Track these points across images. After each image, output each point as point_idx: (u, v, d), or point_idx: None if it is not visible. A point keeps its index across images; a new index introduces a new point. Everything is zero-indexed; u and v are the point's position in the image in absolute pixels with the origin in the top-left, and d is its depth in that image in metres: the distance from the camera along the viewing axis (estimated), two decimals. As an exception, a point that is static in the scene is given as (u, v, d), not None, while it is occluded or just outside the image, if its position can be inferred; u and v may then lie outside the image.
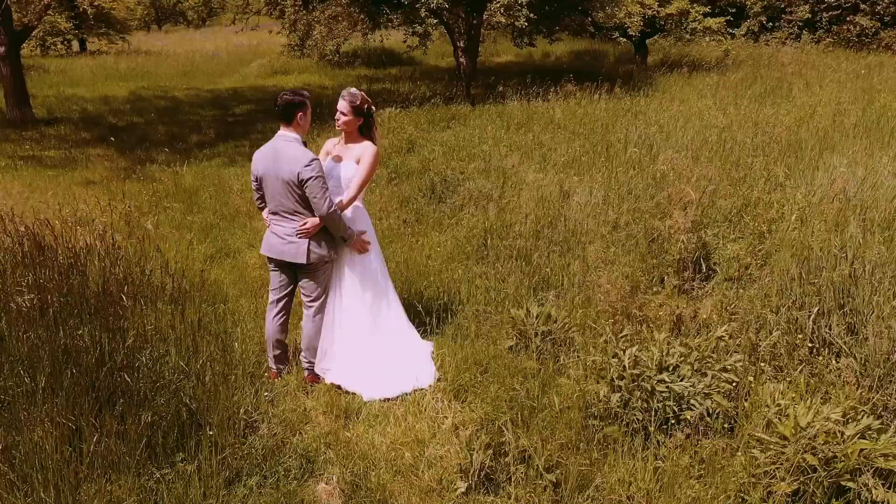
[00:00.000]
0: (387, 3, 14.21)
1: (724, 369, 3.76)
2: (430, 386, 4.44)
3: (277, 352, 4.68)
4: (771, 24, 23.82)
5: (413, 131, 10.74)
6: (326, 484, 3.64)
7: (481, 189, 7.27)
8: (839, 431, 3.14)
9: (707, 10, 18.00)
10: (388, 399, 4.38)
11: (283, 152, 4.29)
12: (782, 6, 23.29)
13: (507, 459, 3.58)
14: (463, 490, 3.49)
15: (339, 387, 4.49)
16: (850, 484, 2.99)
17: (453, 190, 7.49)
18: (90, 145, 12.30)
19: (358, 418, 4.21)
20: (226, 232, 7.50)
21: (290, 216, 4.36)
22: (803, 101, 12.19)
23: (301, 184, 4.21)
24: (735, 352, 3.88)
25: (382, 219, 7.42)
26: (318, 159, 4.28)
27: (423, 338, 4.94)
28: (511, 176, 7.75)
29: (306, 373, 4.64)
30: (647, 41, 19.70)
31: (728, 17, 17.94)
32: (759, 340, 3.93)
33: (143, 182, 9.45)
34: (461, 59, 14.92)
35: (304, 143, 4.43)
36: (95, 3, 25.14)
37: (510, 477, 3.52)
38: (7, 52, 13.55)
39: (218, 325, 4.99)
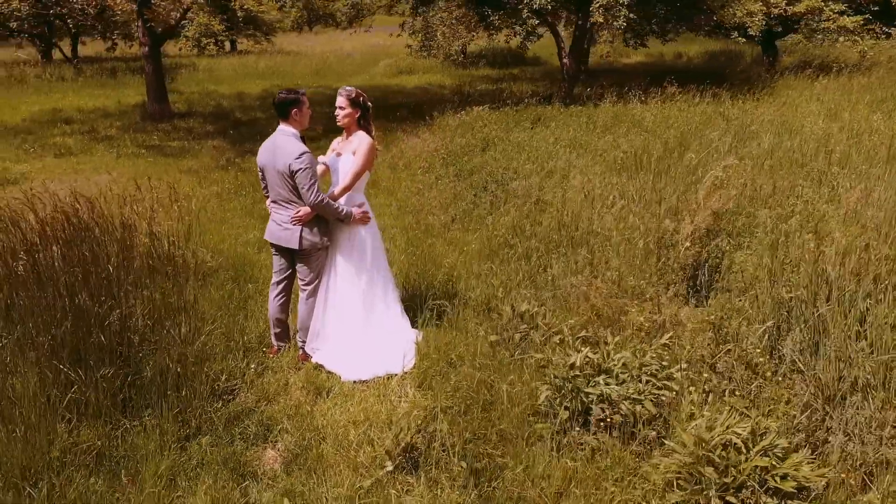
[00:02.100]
0: (490, 4, 14.40)
1: (666, 377, 3.69)
2: (404, 372, 4.64)
3: (278, 330, 5.06)
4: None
5: (493, 131, 10.89)
6: (273, 450, 3.97)
7: (528, 189, 7.33)
8: (744, 447, 3.03)
9: (844, 8, 16.61)
10: (363, 381, 4.64)
11: (279, 146, 4.66)
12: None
13: (435, 445, 3.73)
14: (390, 469, 3.68)
15: (322, 366, 4.81)
16: (730, 499, 2.89)
17: (502, 189, 7.60)
18: (210, 137, 13.49)
19: (328, 396, 4.50)
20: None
21: (286, 204, 4.72)
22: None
23: (292, 175, 4.55)
24: (686, 361, 3.78)
25: (430, 214, 7.68)
26: (308, 153, 4.60)
27: (416, 327, 5.15)
28: (562, 177, 7.74)
29: (300, 351, 4.99)
30: (776, 42, 18.50)
31: (867, 16, 16.43)
32: (715, 352, 3.80)
33: (236, 171, 10.29)
34: (565, 60, 14.83)
35: (303, 138, 4.76)
36: (245, 7, 27.36)
37: (434, 461, 3.67)
38: (150, 52, 15.10)
39: (234, 302, 5.47)
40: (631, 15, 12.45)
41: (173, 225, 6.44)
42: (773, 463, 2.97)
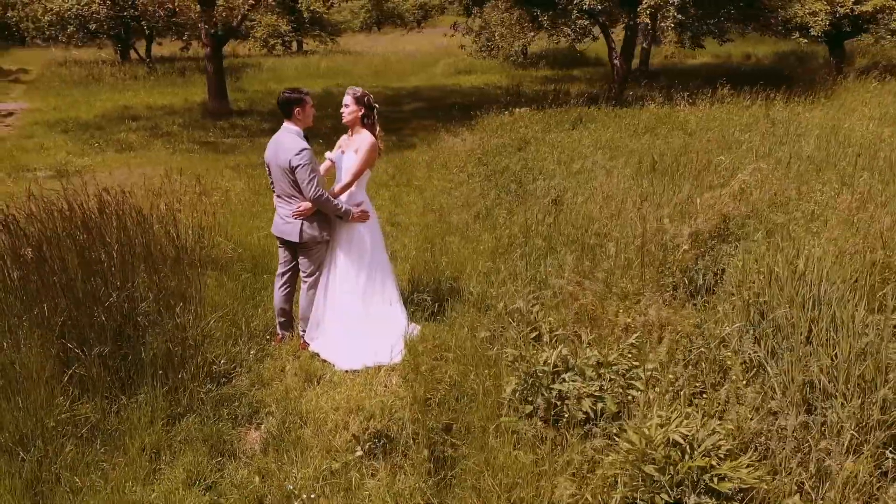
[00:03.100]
0: (538, 5, 14.40)
1: (634, 377, 3.71)
2: (392, 364, 4.79)
3: (282, 319, 5.29)
4: None
5: (531, 132, 10.92)
6: (257, 431, 4.18)
7: (547, 189, 7.36)
8: (689, 447, 3.04)
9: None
10: (355, 370, 4.81)
11: (282, 142, 4.87)
12: None
13: (405, 433, 3.87)
14: (359, 454, 3.83)
15: (318, 354, 5.00)
16: (664, 496, 2.90)
17: (522, 189, 7.65)
18: (264, 134, 13.93)
19: (318, 383, 4.69)
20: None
21: (288, 199, 4.94)
22: None
23: (292, 170, 4.76)
24: (659, 362, 3.79)
25: (453, 213, 7.80)
26: (307, 150, 4.79)
27: (414, 321, 5.28)
28: (588, 178, 7.74)
29: (301, 340, 5.20)
30: (844, 43, 17.77)
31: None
32: (686, 353, 3.79)
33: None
34: (615, 61, 14.68)
35: (306, 136, 4.97)
36: (311, 8, 28.11)
37: (402, 449, 3.80)
38: (211, 52, 15.75)
39: (248, 292, 5.73)
40: (679, 16, 12.22)
41: (198, 217, 6.79)
42: (713, 464, 2.98)
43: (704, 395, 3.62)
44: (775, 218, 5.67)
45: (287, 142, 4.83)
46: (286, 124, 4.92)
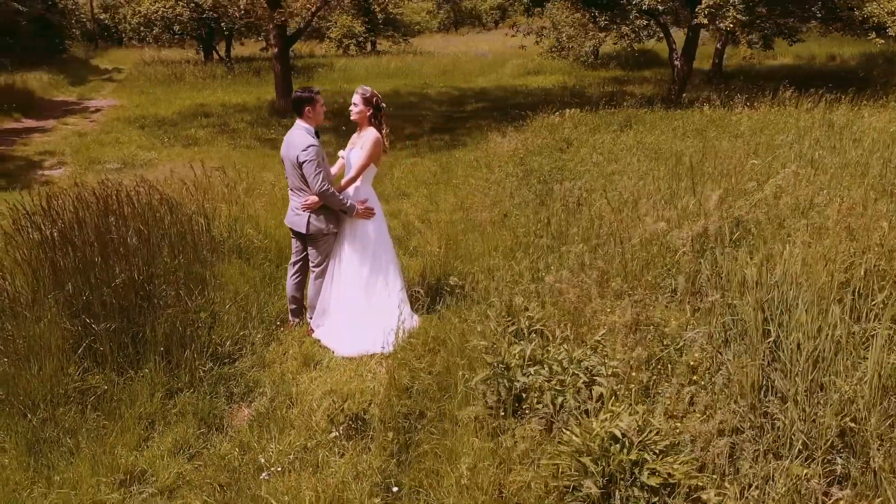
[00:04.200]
0: (596, 5, 14.29)
1: (599, 374, 3.77)
2: (383, 352, 4.98)
3: (293, 306, 5.57)
4: None
5: (576, 133, 10.90)
6: (248, 409, 4.45)
7: (572, 189, 7.39)
8: (628, 441, 3.10)
9: None
10: (351, 357, 5.03)
11: (292, 139, 5.14)
12: None
13: (374, 417, 4.06)
14: (335, 435, 4.04)
15: (319, 340, 5.25)
16: (592, 487, 2.97)
17: (548, 189, 7.70)
18: (323, 132, 14.43)
19: (315, 367, 4.93)
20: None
21: (297, 192, 5.21)
22: None
23: (300, 165, 5.02)
24: (626, 361, 3.83)
25: (482, 211, 7.92)
26: (314, 146, 5.04)
27: (417, 313, 5.46)
28: (615, 180, 7.71)
29: (309, 326, 5.47)
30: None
31: None
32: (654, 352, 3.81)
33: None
34: (676, 62, 14.40)
35: (317, 133, 5.22)
36: (385, 9, 28.64)
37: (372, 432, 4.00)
38: (279, 53, 16.40)
39: (267, 280, 6.04)
40: (740, 16, 11.90)
41: (234, 208, 7.18)
42: (647, 457, 3.02)
43: (661, 395, 3.64)
44: (793, 223, 5.53)
45: (297, 138, 5.10)
46: (298, 121, 5.18)
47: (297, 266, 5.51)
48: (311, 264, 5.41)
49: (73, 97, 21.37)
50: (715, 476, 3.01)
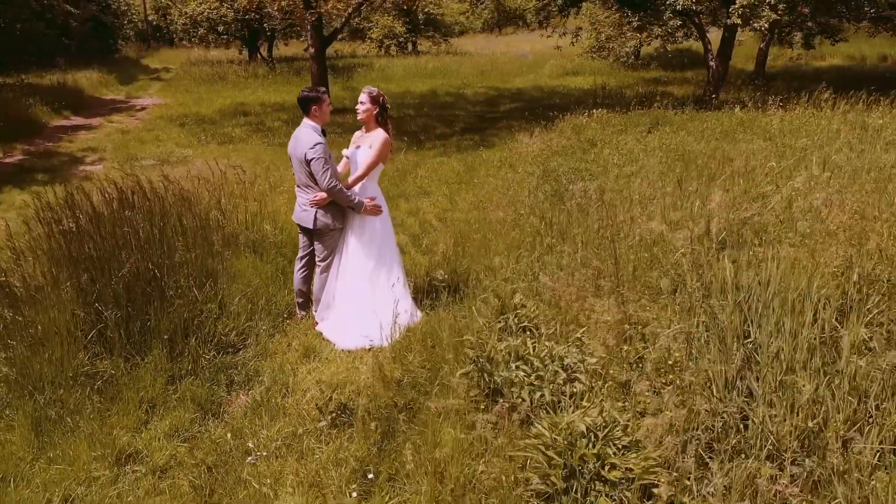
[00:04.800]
0: (630, 5, 14.18)
1: (579, 371, 3.83)
2: (380, 346, 5.10)
3: (300, 299, 5.74)
4: None
5: (603, 134, 10.87)
6: (246, 397, 4.62)
7: (585, 190, 7.41)
8: (593, 436, 3.16)
9: None
10: (349, 350, 5.16)
11: (299, 137, 5.31)
12: None
13: (360, 407, 4.19)
14: (323, 424, 4.18)
15: (322, 333, 5.41)
16: (555, 478, 3.04)
17: (563, 189, 7.73)
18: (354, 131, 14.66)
19: (314, 359, 5.08)
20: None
21: (305, 189, 5.37)
22: None
23: (308, 163, 5.18)
24: (601, 356, 3.88)
25: (498, 209, 7.99)
26: (321, 143, 5.19)
27: (422, 310, 5.57)
28: (629, 182, 7.70)
29: (314, 319, 5.63)
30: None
31: None
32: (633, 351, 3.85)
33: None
34: (711, 63, 14.20)
35: (324, 132, 5.37)
36: (426, 10, 28.86)
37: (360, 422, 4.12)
38: (315, 54, 16.71)
39: (280, 274, 6.23)
40: (775, 16, 11.69)
41: (253, 204, 7.40)
42: (609, 452, 3.08)
43: (636, 393, 3.67)
44: (802, 227, 5.48)
45: (304, 136, 5.25)
46: (305, 120, 5.34)
47: (304, 261, 5.67)
48: (317, 259, 5.56)
49: (121, 96, 22.12)
50: (676, 473, 3.05)
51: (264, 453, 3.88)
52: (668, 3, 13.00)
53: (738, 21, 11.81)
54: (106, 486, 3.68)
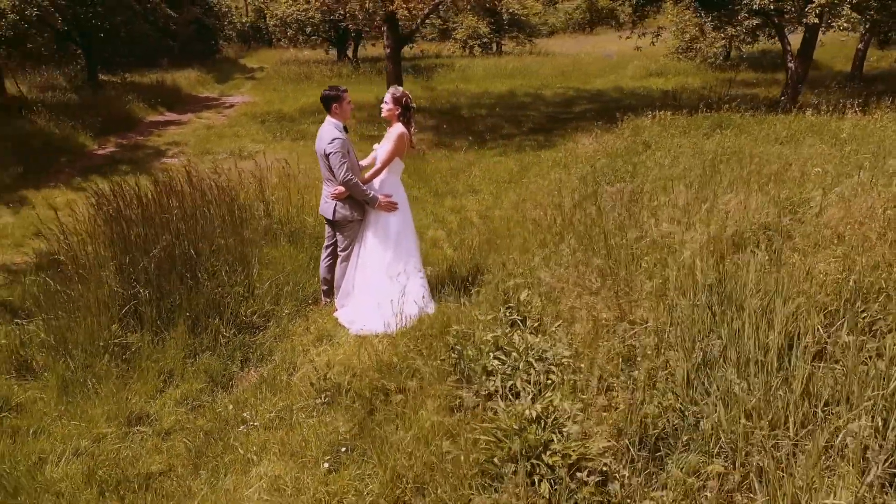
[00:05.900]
0: (706, 6, 13.83)
1: (557, 363, 3.95)
2: (385, 333, 5.34)
3: (325, 287, 6.07)
4: None
5: (662, 136, 10.71)
6: (256, 373, 4.97)
7: (621, 191, 7.41)
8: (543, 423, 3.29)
9: None
10: (360, 335, 5.43)
11: (321, 133, 5.63)
12: None
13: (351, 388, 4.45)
14: (318, 401, 4.47)
15: (338, 319, 5.71)
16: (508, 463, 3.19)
17: (599, 188, 7.75)
18: (423, 130, 15.00)
19: (325, 342, 5.38)
20: (421, 205, 8.99)
21: (327, 182, 5.69)
22: None
23: (327, 157, 5.49)
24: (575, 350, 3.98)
25: (537, 208, 8.08)
26: (339, 139, 5.49)
27: (436, 300, 5.78)
28: (668, 184, 7.63)
29: (336, 305, 5.94)
30: None
31: None
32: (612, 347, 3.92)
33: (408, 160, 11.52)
34: (790, 64, 13.67)
35: (345, 128, 5.67)
36: (511, 11, 28.93)
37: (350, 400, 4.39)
38: (391, 53, 17.17)
39: (313, 262, 6.58)
40: (854, 15, 11.16)
41: (297, 198, 7.82)
42: (553, 438, 3.20)
43: (616, 386, 3.75)
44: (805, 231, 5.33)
45: (325, 133, 5.57)
46: (328, 117, 5.65)
47: (328, 250, 5.99)
48: (339, 249, 5.87)
49: (215, 94, 23.40)
50: (623, 461, 3.13)
51: (257, 423, 4.19)
52: (744, 2, 12.62)
53: (816, 20, 11.34)
54: (113, 442, 4.09)
